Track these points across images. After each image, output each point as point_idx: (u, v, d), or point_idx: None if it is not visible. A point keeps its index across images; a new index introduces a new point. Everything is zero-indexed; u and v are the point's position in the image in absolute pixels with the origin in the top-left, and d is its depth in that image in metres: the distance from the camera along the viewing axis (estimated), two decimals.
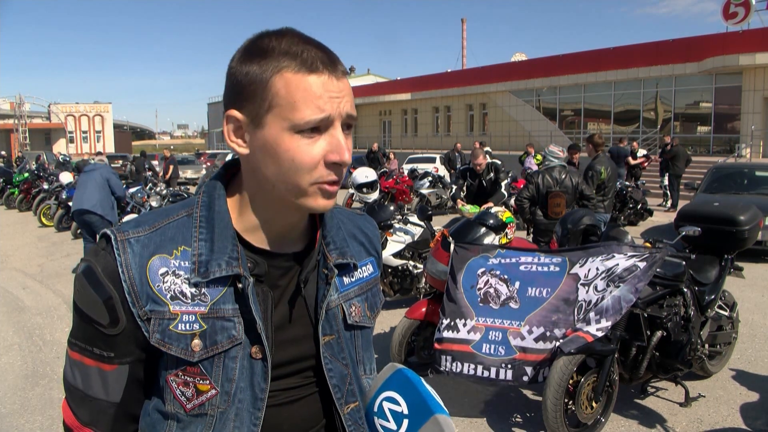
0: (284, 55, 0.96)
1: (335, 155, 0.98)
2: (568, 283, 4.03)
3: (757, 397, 4.65)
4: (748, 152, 22.46)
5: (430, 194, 16.47)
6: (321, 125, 0.96)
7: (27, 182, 18.54)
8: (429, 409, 1.04)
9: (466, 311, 4.25)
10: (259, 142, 0.99)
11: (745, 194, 10.75)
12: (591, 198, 7.04)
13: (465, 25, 53.15)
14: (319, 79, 0.96)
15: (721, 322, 4.93)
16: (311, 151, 0.97)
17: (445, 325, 4.29)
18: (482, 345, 4.10)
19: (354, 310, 1.18)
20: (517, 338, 4.02)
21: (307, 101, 0.95)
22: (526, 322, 4.04)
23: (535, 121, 33.17)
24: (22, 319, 7.03)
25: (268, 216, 1.07)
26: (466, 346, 4.14)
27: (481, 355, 4.08)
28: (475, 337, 4.14)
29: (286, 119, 0.95)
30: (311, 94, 0.95)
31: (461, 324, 4.23)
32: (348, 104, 1.00)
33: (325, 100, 0.96)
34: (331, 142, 0.98)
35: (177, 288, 1.01)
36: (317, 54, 0.97)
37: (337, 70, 0.99)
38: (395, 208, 7.55)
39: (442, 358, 4.22)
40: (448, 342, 4.22)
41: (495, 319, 4.15)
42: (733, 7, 24.36)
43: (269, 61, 0.96)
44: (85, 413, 1.06)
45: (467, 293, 4.33)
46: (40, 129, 57.87)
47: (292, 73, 0.95)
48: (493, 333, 4.11)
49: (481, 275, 4.35)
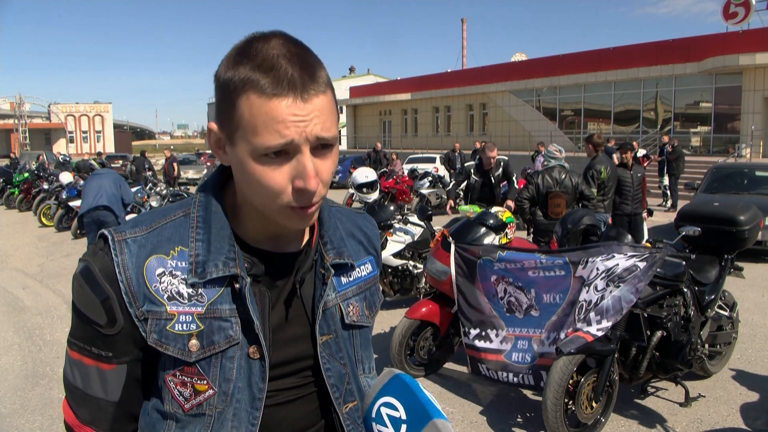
0: (255, 70, 0.92)
1: (300, 181, 0.94)
2: (575, 287, 4.05)
3: (757, 397, 4.65)
4: (748, 152, 22.46)
5: (430, 194, 16.48)
6: (287, 149, 0.92)
7: (27, 182, 18.56)
8: (427, 414, 1.04)
9: (496, 322, 4.45)
10: (233, 158, 0.98)
11: (745, 194, 10.74)
12: (591, 198, 7.04)
13: (465, 25, 53.19)
14: (282, 102, 0.90)
15: (721, 322, 4.92)
16: (276, 177, 0.94)
17: (475, 334, 4.53)
18: (512, 354, 4.32)
19: (352, 309, 1.18)
20: (539, 345, 4.18)
21: (268, 126, 0.91)
22: (545, 329, 4.18)
23: (535, 121, 33.17)
24: (22, 319, 7.03)
25: (259, 220, 1.06)
26: (499, 356, 4.39)
27: (512, 364, 4.30)
28: (506, 347, 4.37)
29: (249, 143, 0.93)
30: (272, 118, 0.90)
31: (493, 334, 4.45)
32: (318, 127, 0.93)
33: (287, 125, 0.91)
34: (297, 168, 0.94)
35: (174, 288, 1.01)
36: (288, 71, 0.91)
37: (307, 91, 0.92)
38: (395, 208, 7.55)
39: (480, 366, 4.52)
40: (483, 351, 4.48)
41: (521, 329, 4.33)
42: (733, 7, 24.38)
43: (239, 73, 0.93)
44: (85, 412, 1.06)
45: (492, 303, 4.50)
46: (40, 129, 57.95)
47: (257, 96, 0.91)
48: (521, 342, 4.31)
49: (497, 283, 4.47)
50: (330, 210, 1.20)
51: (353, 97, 47.93)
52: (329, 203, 1.21)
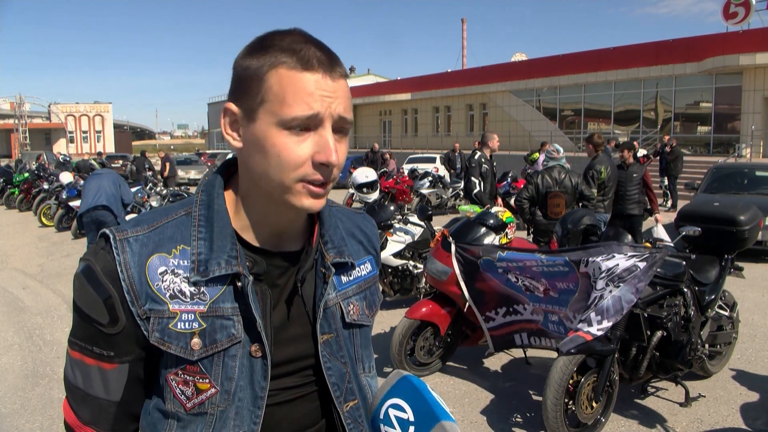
0: (283, 52, 0.96)
1: (322, 155, 0.96)
2: (584, 281, 4.03)
3: (758, 397, 4.65)
4: (748, 152, 22.46)
5: (430, 194, 16.49)
6: (310, 124, 0.96)
7: (27, 182, 18.56)
8: (435, 416, 1.04)
9: (520, 298, 4.39)
10: (250, 135, 0.99)
11: (745, 194, 10.74)
12: (591, 198, 7.05)
13: (465, 25, 53.21)
14: (312, 77, 0.95)
15: (721, 322, 4.92)
16: (298, 149, 0.96)
17: (503, 312, 4.50)
18: (548, 324, 4.27)
19: (352, 308, 1.19)
20: (568, 321, 4.10)
21: (297, 97, 0.95)
22: (570, 309, 4.10)
23: (535, 121, 33.16)
24: (23, 319, 7.03)
25: (263, 214, 1.07)
26: (535, 325, 4.36)
27: (552, 332, 4.25)
28: (539, 318, 4.33)
29: (275, 114, 0.95)
30: (302, 90, 0.95)
31: (521, 308, 4.41)
32: (341, 106, 0.98)
33: (316, 98, 0.95)
34: (319, 142, 0.97)
35: (176, 287, 1.01)
36: (316, 53, 0.97)
37: (335, 71, 0.98)
38: (395, 208, 7.55)
39: (515, 336, 4.51)
40: (517, 323, 4.45)
41: (546, 305, 4.26)
42: (733, 7, 24.39)
43: (268, 56, 0.97)
44: (86, 412, 1.06)
45: (509, 286, 4.42)
46: (40, 129, 57.97)
47: (287, 69, 0.95)
48: (551, 316, 4.25)
49: (506, 274, 4.41)
50: (330, 210, 1.20)
51: (353, 96, 47.52)
52: (329, 203, 1.22)
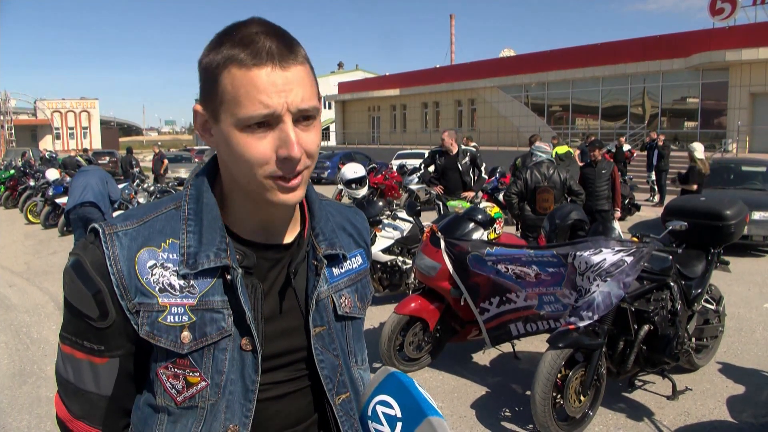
0: (235, 47, 0.94)
1: (284, 150, 0.95)
2: (572, 271, 4.05)
3: (744, 390, 4.70)
4: (735, 147, 22.64)
5: (418, 190, 16.46)
6: (269, 120, 0.95)
7: (13, 179, 18.38)
8: (422, 412, 1.05)
9: (512, 287, 4.39)
10: (218, 136, 1.00)
11: (732, 189, 10.83)
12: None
13: (453, 21, 53.11)
14: (261, 72, 0.93)
15: (707, 315, 4.96)
16: (260, 147, 0.95)
17: (496, 302, 4.46)
18: (543, 306, 4.28)
19: (344, 301, 1.19)
20: (566, 298, 4.13)
21: (250, 96, 0.93)
22: (564, 287, 4.14)
23: (523, 117, 33.25)
24: (9, 317, 6.98)
25: (248, 208, 1.07)
26: (530, 311, 4.34)
27: (548, 313, 4.24)
28: (533, 302, 4.32)
29: (233, 115, 0.95)
30: (254, 88, 0.93)
31: (514, 296, 4.40)
32: (298, 97, 0.95)
33: (270, 94, 0.93)
34: (281, 137, 0.95)
35: (165, 280, 1.01)
36: (266, 44, 0.94)
37: (287, 60, 0.95)
38: (384, 203, 7.55)
39: (510, 327, 4.45)
40: (511, 312, 4.42)
41: (540, 287, 4.28)
42: (719, 3, 24.57)
43: (221, 54, 0.95)
44: (78, 406, 1.06)
45: (500, 275, 4.42)
46: (26, 125, 57.31)
47: (238, 67, 0.94)
48: (546, 297, 4.26)
49: (495, 265, 4.43)
50: (321, 203, 1.20)
51: (342, 92, 47.80)
52: (320, 197, 1.22)
